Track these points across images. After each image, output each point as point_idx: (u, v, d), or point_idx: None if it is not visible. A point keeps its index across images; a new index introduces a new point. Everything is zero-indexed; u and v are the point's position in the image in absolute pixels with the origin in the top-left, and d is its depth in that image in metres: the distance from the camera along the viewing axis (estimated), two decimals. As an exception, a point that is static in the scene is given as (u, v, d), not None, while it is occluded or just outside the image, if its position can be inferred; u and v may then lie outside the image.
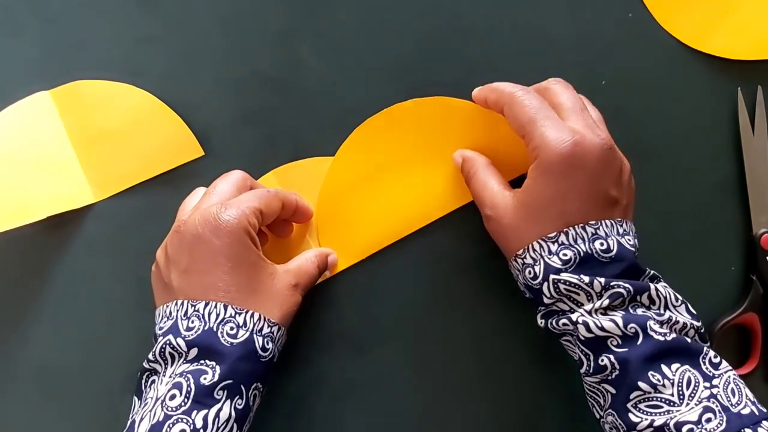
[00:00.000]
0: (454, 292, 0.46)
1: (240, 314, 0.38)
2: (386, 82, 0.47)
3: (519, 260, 0.38)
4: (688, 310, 0.38)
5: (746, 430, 0.33)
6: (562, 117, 0.39)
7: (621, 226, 0.38)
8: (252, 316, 0.38)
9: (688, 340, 0.36)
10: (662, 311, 0.36)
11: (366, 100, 0.46)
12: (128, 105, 0.47)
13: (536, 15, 0.47)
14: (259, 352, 0.38)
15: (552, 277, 0.36)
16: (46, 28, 0.48)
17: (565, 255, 0.36)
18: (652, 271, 0.39)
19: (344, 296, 0.47)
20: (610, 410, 0.36)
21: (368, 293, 0.47)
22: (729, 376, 0.35)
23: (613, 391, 0.36)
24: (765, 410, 0.34)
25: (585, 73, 0.47)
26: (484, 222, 0.41)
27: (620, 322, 0.35)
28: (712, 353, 0.36)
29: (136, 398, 0.39)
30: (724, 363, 0.36)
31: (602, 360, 0.36)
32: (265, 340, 0.38)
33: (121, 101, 0.47)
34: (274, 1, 0.47)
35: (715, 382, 0.35)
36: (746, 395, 0.35)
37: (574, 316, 0.36)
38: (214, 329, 0.37)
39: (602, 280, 0.36)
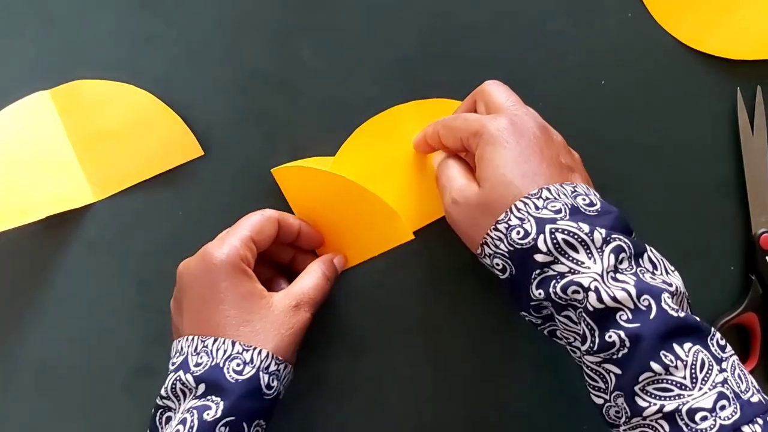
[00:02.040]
0: (454, 292, 0.46)
1: (247, 351, 0.38)
2: (386, 82, 0.47)
3: (501, 226, 0.35)
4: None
5: (758, 419, 0.30)
6: (495, 112, 0.39)
7: (594, 191, 0.37)
8: (260, 353, 0.38)
9: (698, 318, 0.33)
10: (668, 278, 0.34)
11: (366, 100, 0.46)
12: (128, 105, 0.47)
13: (536, 15, 0.47)
14: (264, 389, 0.38)
15: (548, 227, 0.33)
16: (46, 28, 0.47)
17: (554, 206, 0.34)
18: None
19: (343, 296, 0.47)
20: (616, 392, 0.33)
21: (368, 293, 0.47)
22: (734, 361, 0.33)
23: (619, 372, 0.32)
24: None
25: (584, 73, 0.47)
26: (448, 210, 0.39)
27: (633, 292, 0.32)
28: (719, 334, 0.33)
29: None
30: (729, 346, 0.33)
31: (609, 336, 0.32)
32: (271, 377, 0.38)
33: (121, 101, 0.47)
34: (274, 1, 0.47)
35: (724, 365, 0.32)
36: (751, 382, 0.32)
37: (585, 281, 0.32)
38: (221, 365, 0.37)
39: (603, 231, 0.33)
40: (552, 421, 0.46)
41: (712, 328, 0.33)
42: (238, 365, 0.37)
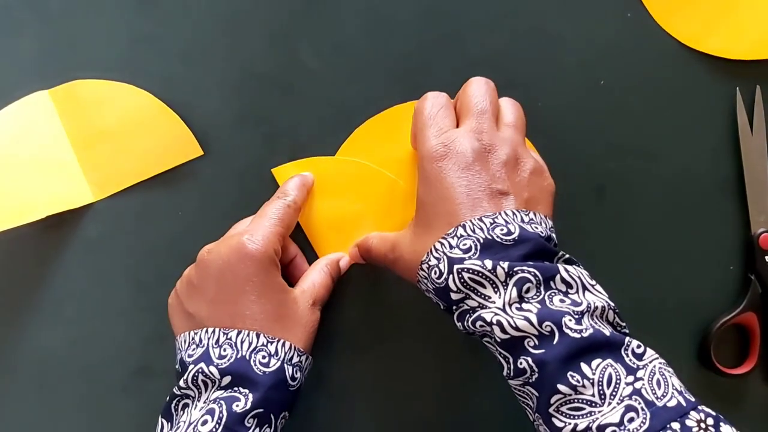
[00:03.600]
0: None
1: (272, 343, 0.38)
2: (385, 83, 0.47)
3: (425, 266, 0.37)
4: (603, 290, 0.36)
5: (673, 424, 0.31)
6: (461, 118, 0.39)
7: (526, 215, 0.37)
8: (283, 345, 0.39)
9: (607, 332, 0.33)
10: (581, 297, 0.35)
11: (365, 100, 0.46)
12: (127, 105, 0.47)
13: (535, 16, 0.47)
14: (289, 381, 0.38)
15: (455, 267, 0.35)
16: (45, 28, 0.47)
17: (464, 245, 0.35)
18: (566, 255, 0.37)
19: (344, 296, 0.47)
20: (536, 414, 0.34)
21: (367, 293, 0.47)
22: (654, 366, 0.33)
23: (537, 395, 0.34)
24: (693, 399, 0.32)
25: (583, 73, 0.47)
26: (394, 269, 0.41)
27: (534, 320, 0.33)
28: (634, 343, 0.34)
29: (164, 420, 0.38)
30: (649, 352, 0.34)
31: (521, 363, 0.34)
32: (294, 369, 0.39)
33: (120, 101, 0.47)
34: (273, 1, 0.47)
35: (639, 374, 0.33)
36: (672, 385, 0.33)
37: (488, 316, 0.34)
38: (247, 357, 0.38)
39: (505, 265, 0.34)
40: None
41: (626, 338, 0.34)
42: (263, 357, 0.38)
